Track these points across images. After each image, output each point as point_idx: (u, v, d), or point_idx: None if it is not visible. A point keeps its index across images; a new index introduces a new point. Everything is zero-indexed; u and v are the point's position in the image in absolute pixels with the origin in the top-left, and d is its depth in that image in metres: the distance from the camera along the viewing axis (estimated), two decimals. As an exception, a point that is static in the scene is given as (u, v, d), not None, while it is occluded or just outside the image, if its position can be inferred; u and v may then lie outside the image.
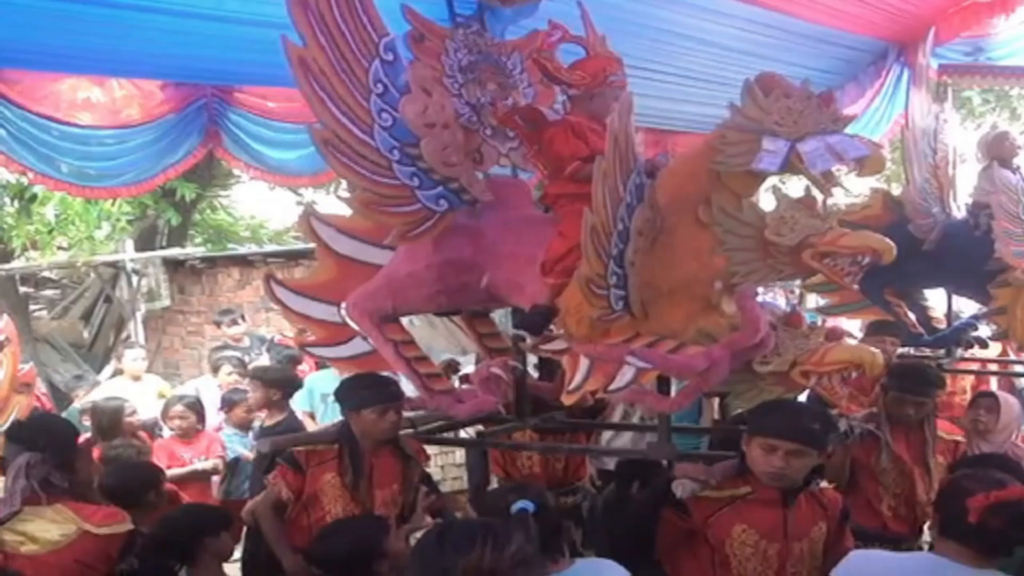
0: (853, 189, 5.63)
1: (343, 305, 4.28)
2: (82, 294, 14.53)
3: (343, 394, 4.41)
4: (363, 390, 4.33)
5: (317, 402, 7.35)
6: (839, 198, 4.53)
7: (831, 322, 6.10)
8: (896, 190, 6.45)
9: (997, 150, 6.09)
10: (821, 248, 3.44)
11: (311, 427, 6.95)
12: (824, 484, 3.70)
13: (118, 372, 9.08)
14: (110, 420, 6.33)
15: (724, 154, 3.42)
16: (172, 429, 6.81)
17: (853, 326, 7.10)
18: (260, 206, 17.29)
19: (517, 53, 4.24)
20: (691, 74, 5.52)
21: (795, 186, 9.11)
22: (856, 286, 4.60)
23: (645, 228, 3.48)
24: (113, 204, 11.43)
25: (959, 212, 5.99)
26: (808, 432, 3.43)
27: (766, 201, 4.03)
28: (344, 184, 3.76)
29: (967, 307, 6.54)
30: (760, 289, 5.06)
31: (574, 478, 5.61)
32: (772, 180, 3.69)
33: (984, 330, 6.12)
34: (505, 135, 4.18)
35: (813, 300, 7.56)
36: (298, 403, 7.25)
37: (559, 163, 3.86)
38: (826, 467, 4.00)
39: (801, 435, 3.42)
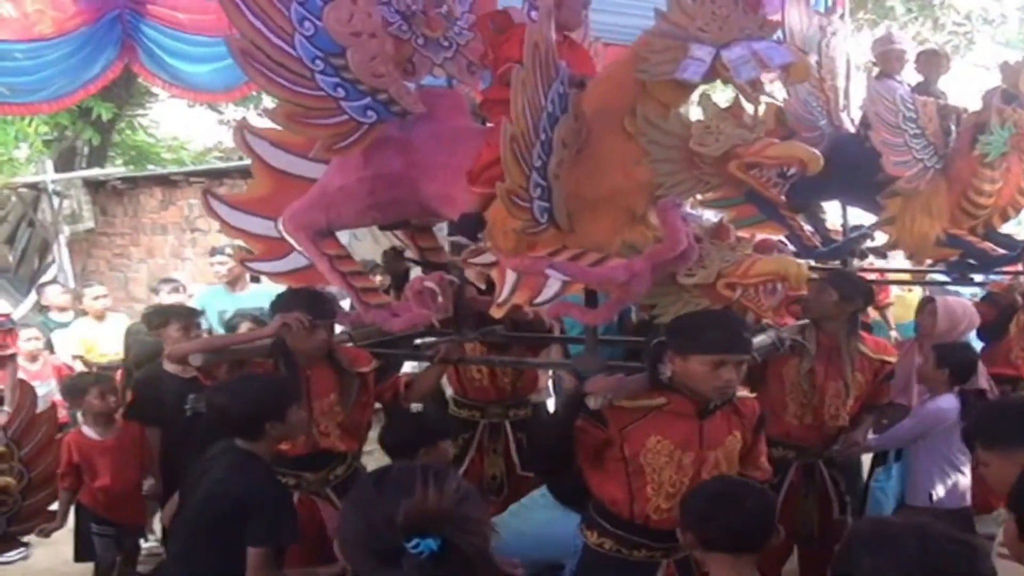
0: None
1: (280, 220, 4.25)
2: (4, 218, 14.26)
3: (278, 307, 4.36)
4: (295, 305, 4.28)
5: (216, 322, 7.22)
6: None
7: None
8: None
9: (882, 61, 6.10)
10: (747, 159, 3.46)
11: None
12: (742, 393, 3.76)
13: (43, 306, 8.76)
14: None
15: (649, 62, 3.42)
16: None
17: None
18: (181, 126, 16.99)
19: (454, -41, 4.12)
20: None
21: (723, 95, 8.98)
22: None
23: (570, 139, 3.47)
24: (30, 124, 11.24)
25: (852, 124, 5.96)
26: (748, 342, 3.51)
27: (695, 111, 4.02)
28: (266, 99, 3.70)
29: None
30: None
31: (524, 391, 5.65)
32: (702, 88, 3.68)
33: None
34: (439, 44, 4.12)
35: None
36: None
37: (501, 65, 3.80)
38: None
39: (745, 347, 3.48)
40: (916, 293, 7.63)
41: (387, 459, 4.30)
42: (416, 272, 5.22)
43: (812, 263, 5.84)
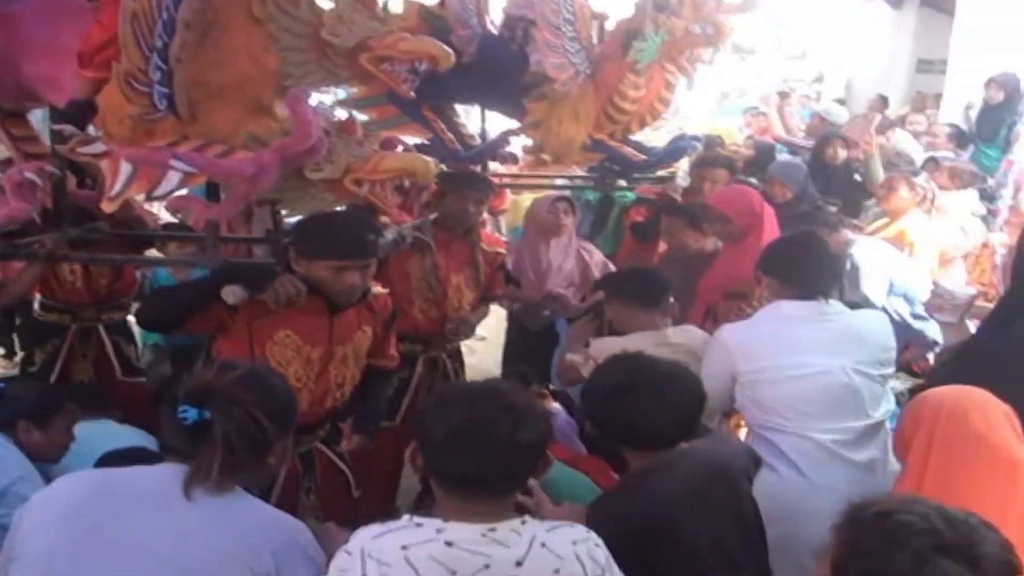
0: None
1: None
2: None
3: None
4: None
5: None
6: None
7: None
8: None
9: None
10: (379, 52, 3.39)
11: None
12: (377, 289, 3.76)
13: None
14: None
15: (279, -57, 3.25)
16: None
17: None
18: None
19: None
20: None
21: None
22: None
23: (193, 20, 3.21)
24: None
25: (494, 26, 5.67)
26: (372, 246, 3.51)
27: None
28: None
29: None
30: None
31: (121, 293, 5.34)
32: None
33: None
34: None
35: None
36: None
37: None
38: None
39: (369, 251, 3.49)
40: (527, 197, 7.83)
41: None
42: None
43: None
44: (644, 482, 2.69)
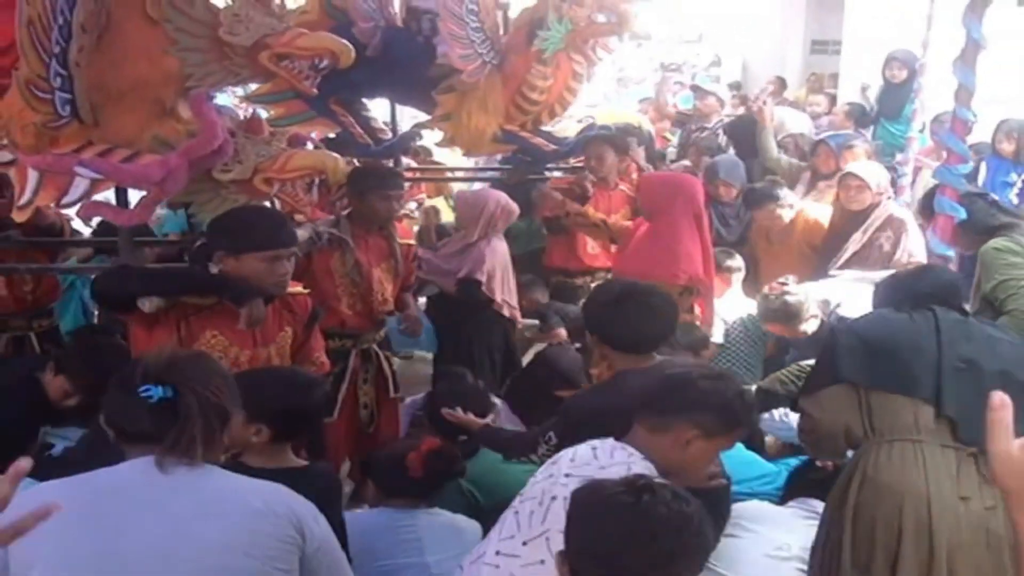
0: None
1: None
2: None
3: None
4: None
5: None
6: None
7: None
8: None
9: None
10: (278, 49, 3.40)
11: None
12: (297, 289, 3.78)
13: None
14: None
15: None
16: None
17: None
18: None
19: None
20: None
21: None
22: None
23: (89, 22, 3.21)
24: None
25: (399, 18, 5.64)
26: (294, 234, 3.56)
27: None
28: None
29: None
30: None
31: (46, 300, 5.31)
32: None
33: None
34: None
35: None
36: None
37: None
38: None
39: (293, 238, 3.53)
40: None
41: None
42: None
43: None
44: (621, 383, 3.16)
